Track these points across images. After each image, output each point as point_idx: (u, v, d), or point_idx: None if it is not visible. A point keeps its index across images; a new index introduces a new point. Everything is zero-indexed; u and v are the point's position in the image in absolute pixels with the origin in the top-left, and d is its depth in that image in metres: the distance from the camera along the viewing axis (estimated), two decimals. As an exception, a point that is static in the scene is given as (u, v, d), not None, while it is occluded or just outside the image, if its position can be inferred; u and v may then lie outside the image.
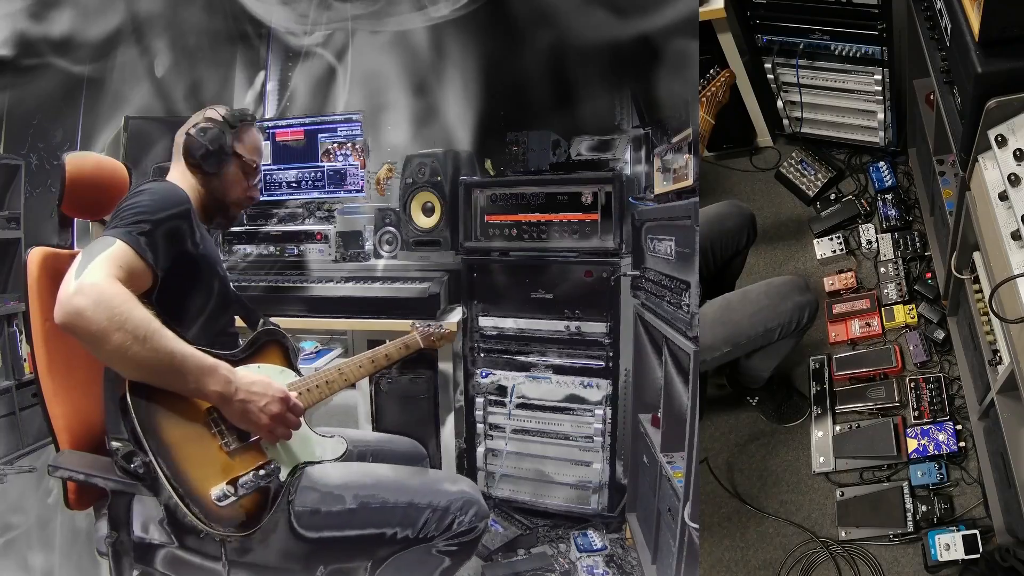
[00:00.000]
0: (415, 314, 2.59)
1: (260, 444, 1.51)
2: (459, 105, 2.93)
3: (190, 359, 1.37)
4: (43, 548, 2.38)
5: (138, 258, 1.39)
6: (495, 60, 2.91)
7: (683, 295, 1.90)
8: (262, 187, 2.33)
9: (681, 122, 2.35)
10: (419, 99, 3.02)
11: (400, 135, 3.05)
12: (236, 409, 1.43)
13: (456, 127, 2.94)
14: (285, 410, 1.48)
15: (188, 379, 1.37)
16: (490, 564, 2.44)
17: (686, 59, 2.32)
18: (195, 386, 1.38)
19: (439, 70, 2.96)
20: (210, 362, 1.40)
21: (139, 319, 1.30)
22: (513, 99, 2.92)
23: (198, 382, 1.38)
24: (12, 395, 3.27)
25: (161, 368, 1.34)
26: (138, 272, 1.39)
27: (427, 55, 2.96)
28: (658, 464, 2.13)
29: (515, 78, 2.87)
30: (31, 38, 2.81)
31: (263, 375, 1.51)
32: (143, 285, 1.41)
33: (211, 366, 1.40)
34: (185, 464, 1.38)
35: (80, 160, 1.69)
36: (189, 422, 1.42)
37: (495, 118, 2.92)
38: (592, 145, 2.72)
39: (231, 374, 1.43)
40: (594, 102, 2.83)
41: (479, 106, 2.92)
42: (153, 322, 1.32)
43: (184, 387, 1.38)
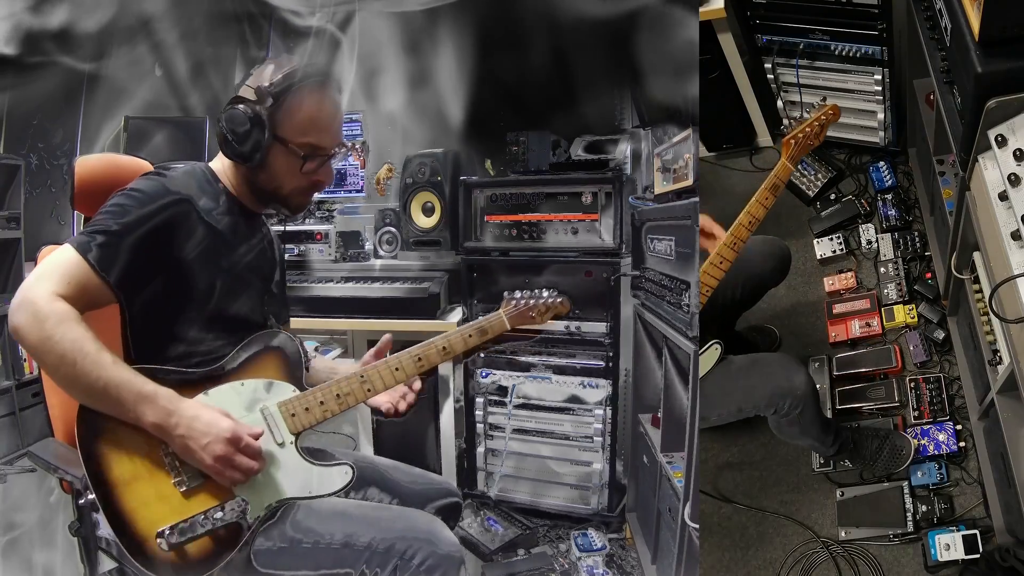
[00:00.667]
0: (415, 314, 2.60)
1: None
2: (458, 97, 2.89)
3: (125, 386, 1.25)
4: (45, 546, 2.38)
5: (90, 272, 1.27)
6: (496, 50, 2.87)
7: (683, 295, 1.90)
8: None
9: (681, 122, 2.35)
10: (417, 74, 2.95)
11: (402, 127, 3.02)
12: (177, 445, 1.29)
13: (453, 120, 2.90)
14: (233, 452, 1.29)
15: (125, 407, 1.26)
16: (490, 564, 2.44)
17: (687, 57, 2.27)
18: (133, 415, 1.26)
19: (438, 54, 2.89)
20: (149, 390, 1.26)
21: (69, 342, 1.21)
22: (513, 97, 2.91)
23: (135, 411, 1.26)
24: (12, 395, 3.26)
25: (95, 394, 1.25)
26: (91, 287, 1.27)
27: (429, 40, 2.90)
28: (658, 464, 2.13)
29: (514, 75, 2.85)
30: (33, 34, 2.79)
31: (215, 407, 1.32)
32: (98, 300, 1.29)
33: (149, 395, 1.26)
34: (133, 503, 1.29)
35: (90, 161, 1.62)
36: (141, 455, 1.30)
37: (496, 118, 2.91)
38: (592, 145, 2.72)
39: (171, 404, 1.28)
40: (594, 102, 2.83)
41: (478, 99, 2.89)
42: (86, 345, 1.22)
43: (124, 415, 1.27)
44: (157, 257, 1.34)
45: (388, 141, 3.02)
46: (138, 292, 1.35)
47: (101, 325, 1.33)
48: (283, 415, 1.40)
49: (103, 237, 1.28)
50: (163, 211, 1.33)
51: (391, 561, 1.35)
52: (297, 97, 1.40)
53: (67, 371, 1.23)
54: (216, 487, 1.33)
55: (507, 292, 1.57)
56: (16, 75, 3.00)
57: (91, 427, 1.29)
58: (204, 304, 1.40)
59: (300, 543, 1.36)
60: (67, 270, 1.26)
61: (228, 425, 1.30)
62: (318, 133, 1.42)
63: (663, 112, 2.47)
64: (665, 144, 2.22)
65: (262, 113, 1.37)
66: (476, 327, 1.50)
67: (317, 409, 1.41)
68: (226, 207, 1.44)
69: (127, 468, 1.30)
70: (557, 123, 2.78)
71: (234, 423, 1.32)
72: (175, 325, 1.39)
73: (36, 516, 2.53)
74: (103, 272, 1.27)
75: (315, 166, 1.43)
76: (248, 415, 1.38)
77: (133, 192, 1.33)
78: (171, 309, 1.38)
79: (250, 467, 1.32)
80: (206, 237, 1.39)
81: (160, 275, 1.35)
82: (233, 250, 1.44)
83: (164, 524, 1.29)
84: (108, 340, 1.37)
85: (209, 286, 1.40)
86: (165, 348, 1.39)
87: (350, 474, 1.42)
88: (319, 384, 1.44)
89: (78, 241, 1.28)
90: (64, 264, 1.26)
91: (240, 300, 1.45)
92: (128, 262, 1.29)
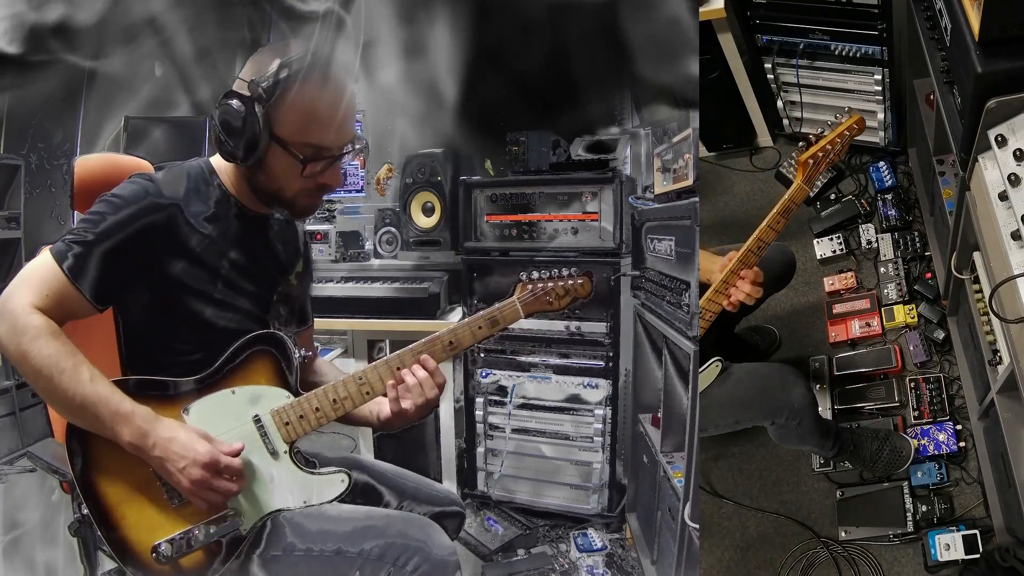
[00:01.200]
0: (415, 314, 2.60)
1: None
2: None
3: (102, 404, 1.21)
4: (47, 545, 2.39)
5: (67, 282, 1.23)
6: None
7: (683, 295, 1.90)
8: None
9: (681, 122, 2.35)
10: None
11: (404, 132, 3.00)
12: (155, 465, 1.26)
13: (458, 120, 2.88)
14: (210, 476, 1.25)
15: (103, 424, 1.23)
16: (490, 564, 2.44)
17: (681, 37, 2.22)
18: (111, 433, 1.23)
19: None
20: (126, 409, 1.22)
21: (45, 358, 1.18)
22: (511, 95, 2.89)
23: (112, 429, 1.23)
24: (12, 395, 3.26)
25: (72, 410, 1.22)
26: (67, 298, 1.24)
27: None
28: (658, 464, 2.13)
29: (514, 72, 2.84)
30: (36, 30, 2.78)
31: (192, 429, 1.27)
32: (76, 311, 1.25)
33: (125, 414, 1.22)
34: (126, 518, 1.29)
35: (90, 161, 1.62)
36: (132, 469, 1.28)
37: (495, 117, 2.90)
38: (592, 145, 2.72)
39: (147, 424, 1.23)
40: (595, 102, 2.82)
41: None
42: (62, 361, 1.19)
43: (103, 432, 1.24)
44: (137, 266, 1.28)
45: (384, 115, 2.96)
46: (121, 302, 1.31)
47: (98, 330, 1.34)
48: (276, 424, 1.35)
49: (78, 247, 1.24)
50: (140, 217, 1.26)
51: (384, 568, 1.31)
52: (296, 91, 1.26)
53: (44, 386, 1.21)
54: None
55: (523, 273, 1.43)
56: (17, 75, 2.99)
57: (81, 441, 1.28)
58: (193, 313, 1.33)
59: (293, 551, 1.33)
60: (44, 279, 1.23)
61: (205, 449, 1.25)
62: (321, 132, 1.29)
63: (657, 94, 2.45)
64: (665, 144, 2.22)
65: (257, 110, 1.25)
66: (486, 317, 1.40)
67: (312, 416, 1.35)
68: (219, 209, 1.35)
69: (119, 482, 1.29)
70: (557, 123, 2.78)
71: (211, 447, 1.26)
72: (164, 334, 1.34)
73: (39, 515, 2.53)
74: (77, 283, 1.23)
75: (319, 168, 1.30)
76: (240, 425, 1.34)
77: (112, 198, 1.28)
78: (158, 318, 1.33)
79: (228, 489, 1.28)
80: (194, 244, 1.31)
81: (143, 284, 1.30)
82: (223, 255, 1.35)
83: (158, 537, 1.29)
84: (104, 345, 1.38)
85: (198, 294, 1.32)
86: (155, 357, 1.35)
87: (347, 482, 1.38)
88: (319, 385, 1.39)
89: (57, 249, 1.24)
90: (42, 273, 1.23)
91: (233, 307, 1.37)
92: (102, 272, 1.25)
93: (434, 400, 1.39)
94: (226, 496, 1.28)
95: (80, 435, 1.28)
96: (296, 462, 1.36)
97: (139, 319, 1.33)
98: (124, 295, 1.30)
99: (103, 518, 1.29)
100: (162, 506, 1.30)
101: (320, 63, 1.27)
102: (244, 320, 1.38)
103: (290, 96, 1.26)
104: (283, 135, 1.28)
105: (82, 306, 1.26)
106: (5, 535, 2.49)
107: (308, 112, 1.27)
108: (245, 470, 1.31)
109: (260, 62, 1.29)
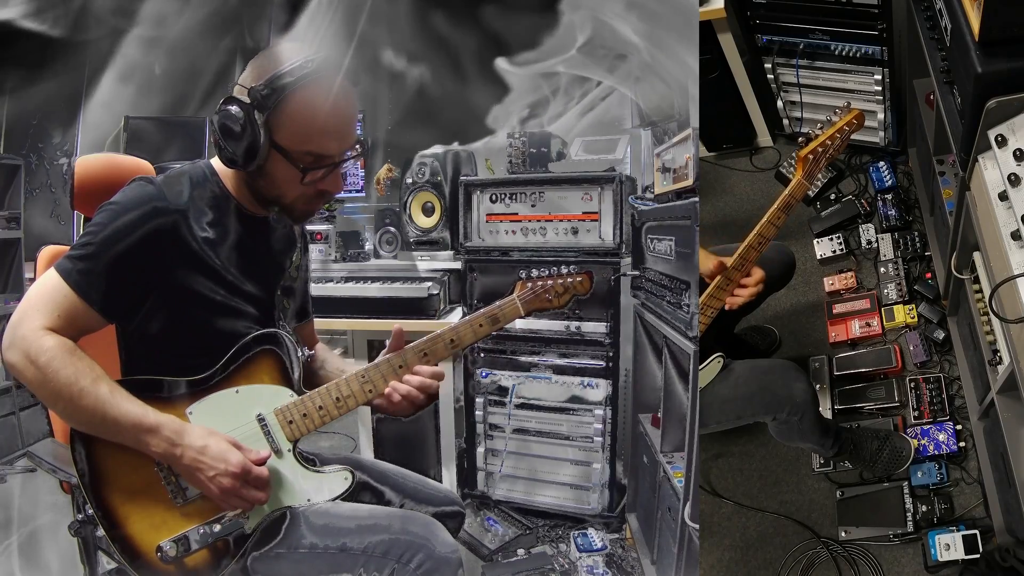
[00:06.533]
0: (415, 314, 2.60)
1: None
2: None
3: (125, 418, 1.22)
4: (56, 545, 2.40)
5: (76, 298, 1.23)
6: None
7: (683, 295, 1.90)
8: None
9: (681, 122, 2.35)
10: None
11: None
12: (184, 472, 1.27)
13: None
14: (240, 485, 1.27)
15: (126, 437, 1.24)
16: (490, 564, 2.44)
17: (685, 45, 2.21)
18: (135, 444, 1.24)
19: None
20: (150, 421, 1.23)
21: (65, 378, 1.19)
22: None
23: (137, 441, 1.24)
24: (12, 395, 3.27)
25: (94, 426, 1.23)
26: (78, 314, 1.24)
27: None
28: (658, 464, 2.13)
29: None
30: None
31: (223, 437, 1.28)
32: (89, 325, 1.26)
33: (151, 426, 1.23)
34: (131, 518, 1.29)
35: (90, 161, 1.61)
36: (136, 471, 1.29)
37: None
38: (592, 145, 2.72)
39: (176, 435, 1.24)
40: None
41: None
42: (82, 379, 1.20)
43: (125, 443, 1.25)
44: (142, 273, 1.27)
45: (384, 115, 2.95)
46: (130, 312, 1.30)
47: (98, 331, 1.32)
48: (280, 423, 1.36)
49: (83, 263, 1.24)
50: (143, 222, 1.26)
51: (388, 565, 1.32)
52: (296, 99, 1.25)
53: (63, 407, 1.22)
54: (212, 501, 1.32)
55: (523, 271, 1.46)
56: (17, 75, 3.00)
57: (84, 442, 1.28)
58: (197, 318, 1.34)
59: (297, 549, 1.34)
60: (53, 298, 1.23)
61: (237, 460, 1.27)
62: (321, 140, 1.28)
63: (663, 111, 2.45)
64: (665, 144, 2.21)
65: (257, 117, 1.24)
66: (487, 315, 1.41)
67: (315, 415, 1.36)
68: (220, 212, 1.35)
69: (123, 482, 1.30)
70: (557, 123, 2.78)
71: (242, 456, 1.28)
72: (167, 339, 1.34)
73: (40, 515, 2.55)
74: (86, 298, 1.24)
75: (319, 176, 1.30)
76: (243, 424, 1.35)
77: (112, 205, 1.27)
78: (162, 323, 1.32)
79: (256, 498, 1.30)
80: (197, 249, 1.31)
81: (149, 292, 1.30)
82: (226, 259, 1.35)
83: (163, 537, 1.29)
84: (104, 345, 1.37)
85: (202, 299, 1.32)
86: (157, 356, 1.35)
87: (350, 480, 1.39)
88: (323, 384, 1.39)
89: (61, 266, 1.24)
90: (50, 292, 1.23)
91: (236, 310, 1.37)
92: (110, 283, 1.25)
93: (434, 394, 1.41)
94: (253, 504, 1.30)
95: (84, 436, 1.28)
96: (299, 460, 1.38)
97: (142, 324, 1.33)
98: (133, 302, 1.30)
99: (107, 517, 1.30)
100: (167, 506, 1.31)
101: (322, 66, 1.27)
102: (247, 324, 1.38)
103: (290, 105, 1.25)
104: (283, 143, 1.27)
105: (94, 320, 1.26)
106: (17, 533, 2.50)
107: (308, 121, 1.27)
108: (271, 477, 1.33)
109: (260, 67, 1.28)
